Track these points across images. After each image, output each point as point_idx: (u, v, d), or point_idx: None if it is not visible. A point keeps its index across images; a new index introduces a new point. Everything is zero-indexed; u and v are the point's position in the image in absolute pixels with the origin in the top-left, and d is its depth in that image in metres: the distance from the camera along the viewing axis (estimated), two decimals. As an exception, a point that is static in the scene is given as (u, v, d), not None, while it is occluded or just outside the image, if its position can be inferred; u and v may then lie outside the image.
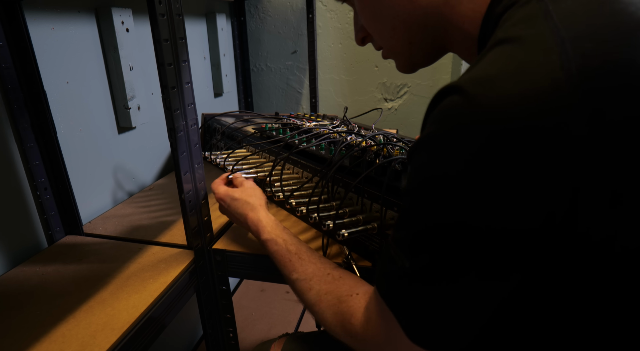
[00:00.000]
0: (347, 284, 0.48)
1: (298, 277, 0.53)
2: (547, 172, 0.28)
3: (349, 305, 0.45)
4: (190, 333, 1.33)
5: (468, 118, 0.30)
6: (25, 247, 0.75)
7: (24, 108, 0.72)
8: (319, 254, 0.56)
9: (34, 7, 0.74)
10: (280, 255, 0.57)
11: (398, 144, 0.76)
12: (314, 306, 0.49)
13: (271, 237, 0.59)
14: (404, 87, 1.61)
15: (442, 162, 0.32)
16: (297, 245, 0.57)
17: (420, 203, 0.35)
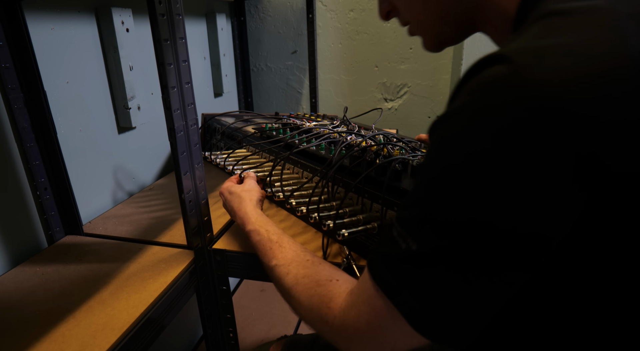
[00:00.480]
0: (327, 270, 0.46)
1: (277, 263, 0.52)
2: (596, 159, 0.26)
3: (328, 289, 0.42)
4: (190, 333, 1.33)
5: (514, 92, 0.27)
6: (25, 247, 0.75)
7: (24, 108, 0.72)
8: (299, 245, 0.55)
9: (34, 7, 0.74)
10: (262, 244, 0.57)
11: (398, 144, 0.76)
12: (290, 290, 0.48)
13: (254, 228, 0.59)
14: (404, 87, 1.61)
15: (474, 138, 0.29)
16: (280, 235, 0.57)
17: (439, 181, 0.31)
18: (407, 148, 0.75)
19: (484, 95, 0.29)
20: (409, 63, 1.57)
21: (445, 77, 1.55)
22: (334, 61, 1.63)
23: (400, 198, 0.60)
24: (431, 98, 1.60)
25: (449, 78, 1.55)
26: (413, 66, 1.57)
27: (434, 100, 1.60)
